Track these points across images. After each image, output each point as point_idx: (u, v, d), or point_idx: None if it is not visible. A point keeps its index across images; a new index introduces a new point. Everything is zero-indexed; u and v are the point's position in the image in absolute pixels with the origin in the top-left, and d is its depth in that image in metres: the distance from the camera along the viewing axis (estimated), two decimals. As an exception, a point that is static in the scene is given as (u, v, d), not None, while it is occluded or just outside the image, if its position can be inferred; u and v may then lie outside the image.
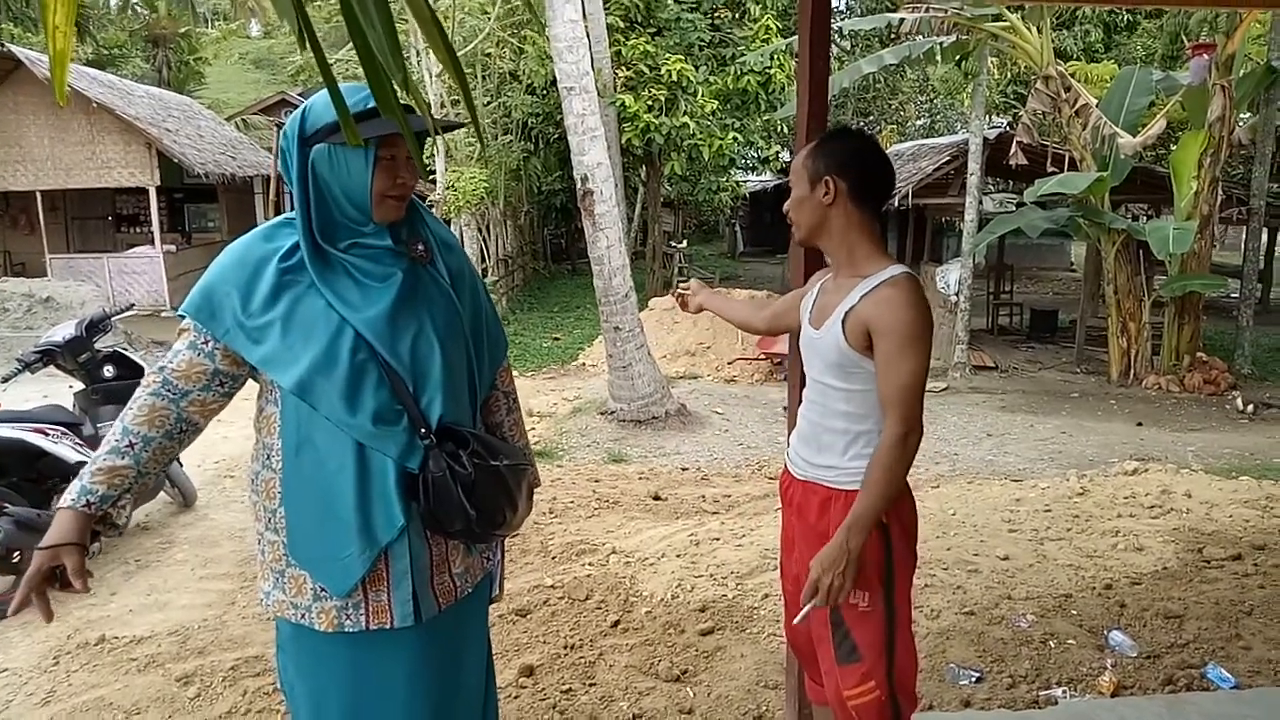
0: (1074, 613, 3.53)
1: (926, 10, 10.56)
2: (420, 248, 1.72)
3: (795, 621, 1.85)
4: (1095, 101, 10.52)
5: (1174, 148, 11.09)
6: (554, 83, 9.41)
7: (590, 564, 4.20)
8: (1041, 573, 3.93)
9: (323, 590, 1.66)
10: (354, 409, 1.60)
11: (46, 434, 4.17)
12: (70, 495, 1.57)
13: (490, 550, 1.90)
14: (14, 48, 14.08)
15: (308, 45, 1.01)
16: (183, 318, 1.66)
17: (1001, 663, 3.11)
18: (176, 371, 1.64)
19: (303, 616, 1.68)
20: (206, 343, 1.64)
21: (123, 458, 1.60)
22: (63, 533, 1.54)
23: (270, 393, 1.68)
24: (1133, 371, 10.44)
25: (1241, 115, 10.83)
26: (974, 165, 10.82)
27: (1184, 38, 14.93)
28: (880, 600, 1.84)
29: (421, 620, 1.70)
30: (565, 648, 3.31)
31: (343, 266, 1.65)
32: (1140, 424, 8.49)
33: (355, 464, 1.62)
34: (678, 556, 4.15)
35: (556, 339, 13.32)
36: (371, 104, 1.57)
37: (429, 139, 1.71)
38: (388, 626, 1.67)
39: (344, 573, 1.63)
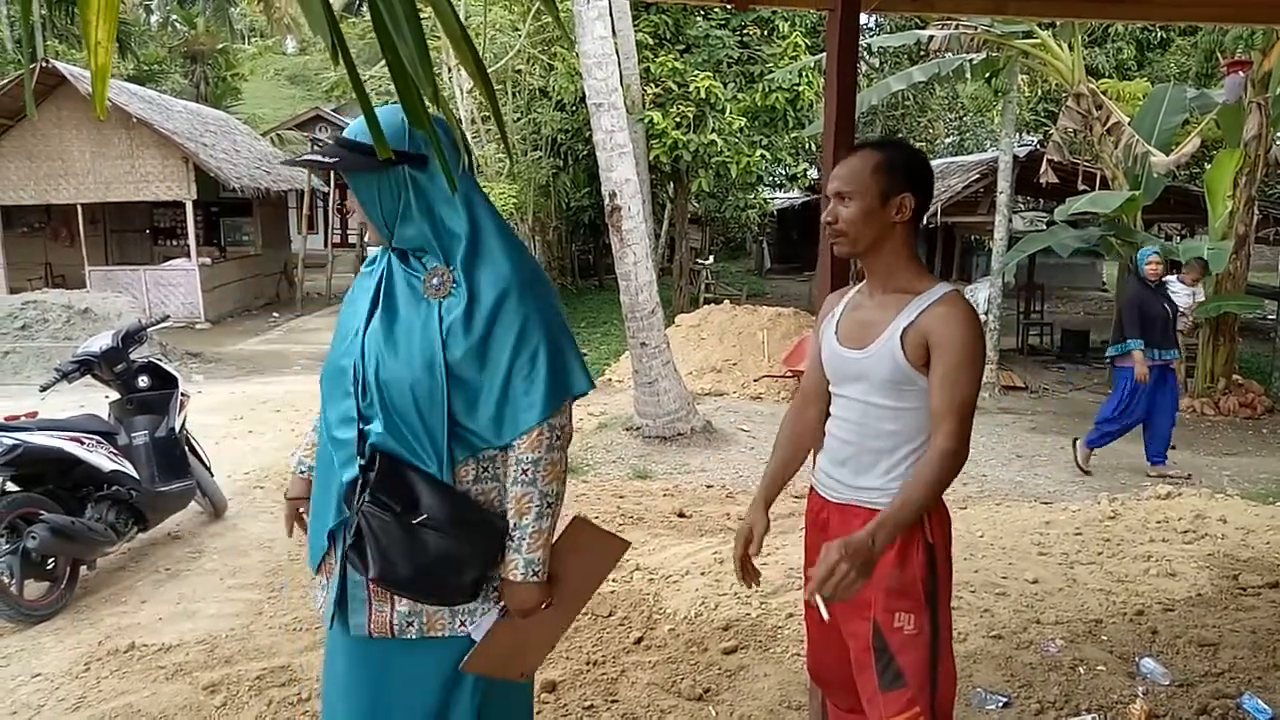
0: (1104, 638, 3.46)
1: (956, 27, 10.53)
2: (435, 281, 1.71)
3: (807, 598, 1.74)
4: (1128, 119, 10.41)
5: (1209, 166, 10.95)
6: (583, 99, 9.48)
7: (614, 580, 4.18)
8: (1071, 597, 3.87)
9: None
10: (326, 407, 1.78)
11: (82, 443, 4.24)
12: (292, 464, 2.05)
13: (466, 615, 1.75)
14: (58, 63, 14.42)
15: (341, 61, 1.03)
16: None
17: (1030, 688, 3.06)
18: None
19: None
20: None
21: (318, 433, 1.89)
22: (296, 490, 2.02)
23: None
24: (1166, 393, 10.25)
25: (1278, 134, 10.66)
26: (1004, 183, 10.74)
27: (1219, 55, 14.75)
28: (926, 622, 1.82)
29: (347, 630, 1.77)
30: (588, 664, 3.30)
31: (384, 276, 1.78)
32: (1174, 447, 8.32)
33: (327, 458, 1.77)
34: (701, 574, 4.13)
35: (583, 354, 13.34)
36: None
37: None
38: (327, 620, 1.80)
39: (314, 547, 1.82)
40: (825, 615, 1.66)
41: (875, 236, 1.82)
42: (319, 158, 1.75)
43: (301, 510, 2.01)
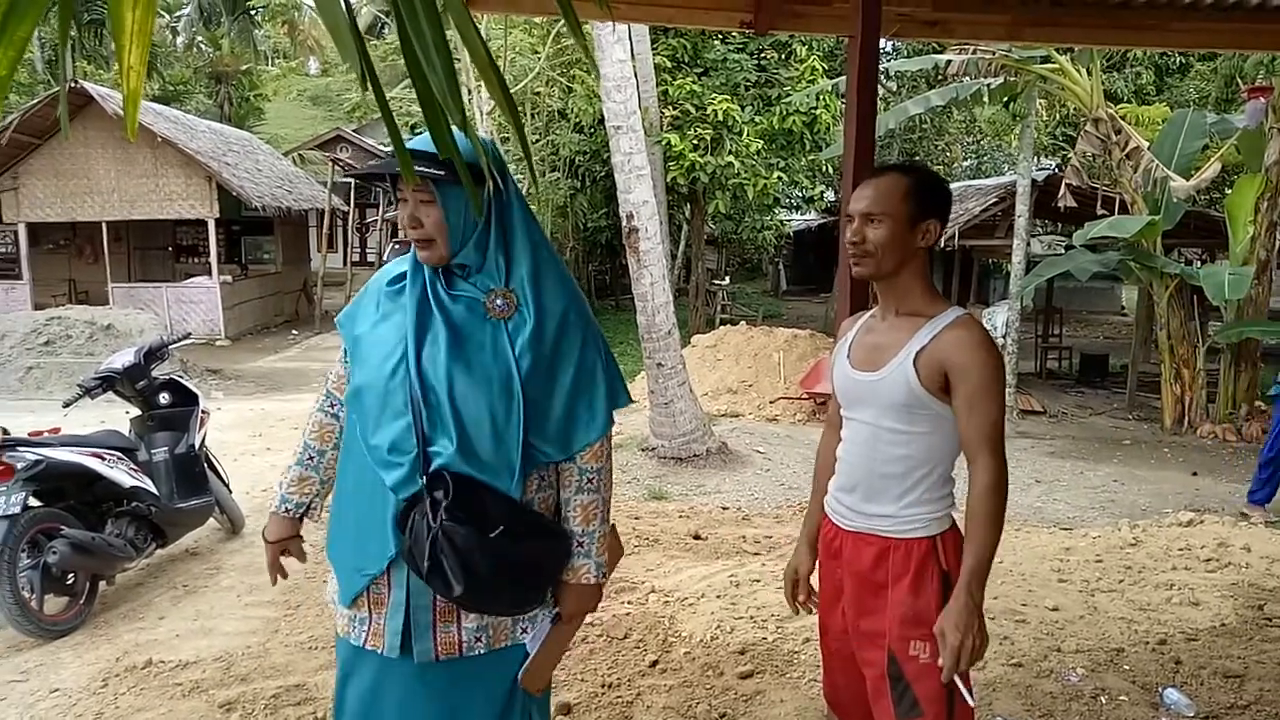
0: (1126, 668, 3.42)
1: (974, 52, 10.55)
2: (500, 301, 1.72)
3: (945, 680, 1.71)
4: (1147, 144, 10.38)
5: (1229, 191, 10.88)
6: (602, 121, 9.55)
7: (629, 602, 4.17)
8: (1092, 625, 3.82)
9: (337, 594, 1.78)
10: (376, 431, 1.70)
11: (103, 458, 4.28)
12: (274, 502, 1.95)
13: (528, 621, 1.79)
14: (86, 84, 14.67)
15: (369, 85, 1.05)
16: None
17: (1050, 717, 3.02)
18: (334, 383, 1.90)
19: (332, 611, 1.82)
20: (344, 354, 1.86)
21: (307, 469, 1.92)
22: (279, 531, 1.96)
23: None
24: (1187, 419, 10.16)
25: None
26: (1022, 207, 10.72)
27: (1239, 80, 14.71)
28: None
29: (412, 658, 1.69)
30: (603, 686, 3.29)
31: (428, 293, 1.75)
32: (1195, 473, 8.25)
33: (375, 483, 1.69)
34: (718, 597, 4.11)
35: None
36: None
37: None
38: (379, 651, 1.72)
39: (347, 584, 1.74)
40: (972, 701, 1.73)
41: (901, 259, 1.83)
42: (428, 169, 1.63)
43: (287, 552, 1.97)
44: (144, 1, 1.10)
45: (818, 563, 2.08)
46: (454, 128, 1.04)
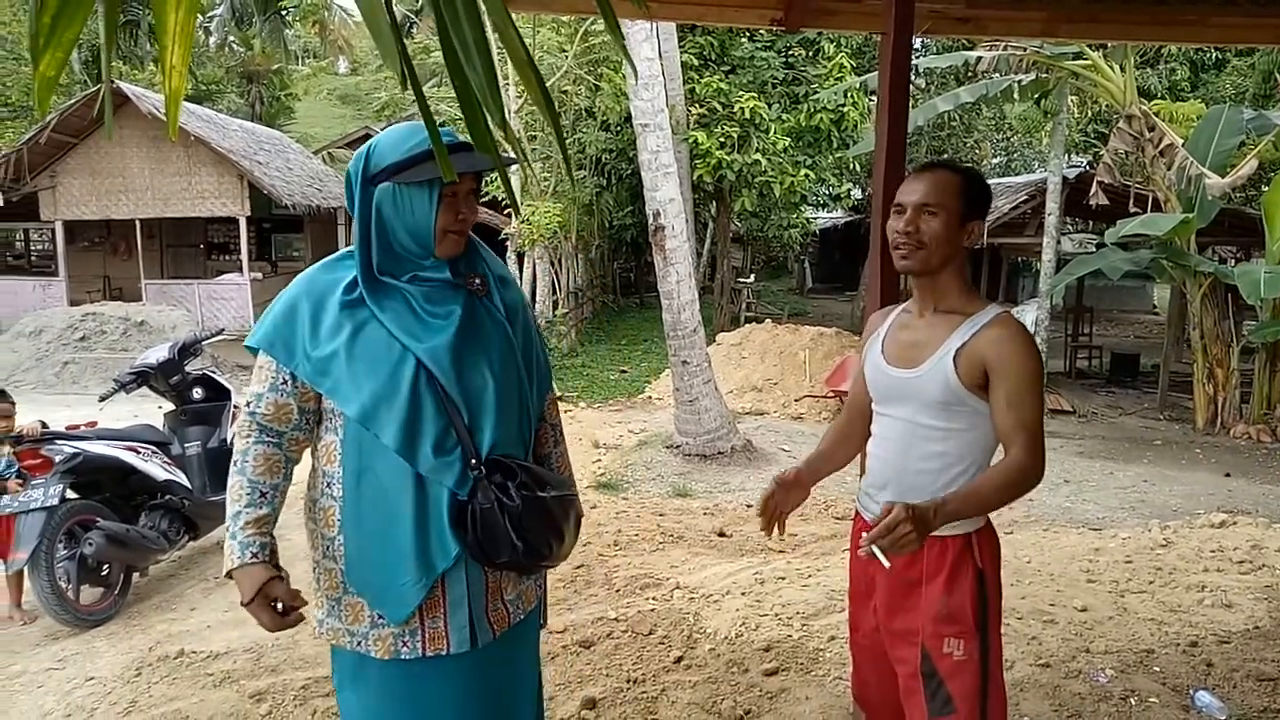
0: (1156, 670, 3.38)
1: (1005, 48, 10.45)
2: (478, 281, 1.77)
3: (861, 553, 1.66)
4: (1181, 141, 10.23)
5: (1265, 189, 10.70)
6: (628, 119, 9.57)
7: (654, 598, 4.18)
8: (1122, 626, 3.78)
9: (380, 618, 1.68)
10: (414, 438, 1.64)
11: (138, 452, 4.36)
12: (234, 555, 1.65)
13: (540, 576, 1.91)
14: (121, 84, 14.91)
15: (409, 86, 1.06)
16: (254, 350, 1.72)
17: (1079, 718, 2.99)
18: (267, 415, 1.70)
19: (359, 644, 1.70)
20: (285, 381, 1.69)
21: (261, 508, 1.70)
22: (253, 583, 1.64)
23: (331, 421, 1.72)
24: (1220, 420, 10.01)
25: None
26: (1052, 205, 10.60)
27: (1277, 75, 14.45)
28: (975, 648, 1.79)
29: (477, 646, 1.72)
30: (628, 682, 3.30)
31: (403, 298, 1.69)
32: (1228, 474, 8.12)
33: (414, 492, 1.65)
34: (742, 594, 4.11)
35: (624, 371, 13.39)
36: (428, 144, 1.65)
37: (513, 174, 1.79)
38: (444, 653, 1.69)
39: (400, 600, 1.66)
40: (886, 564, 1.62)
41: (947, 255, 1.83)
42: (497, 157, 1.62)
43: (275, 601, 1.67)
44: (187, 3, 1.13)
45: (849, 560, 2.07)
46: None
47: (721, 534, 5.62)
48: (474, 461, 1.66)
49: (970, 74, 12.24)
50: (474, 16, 1.00)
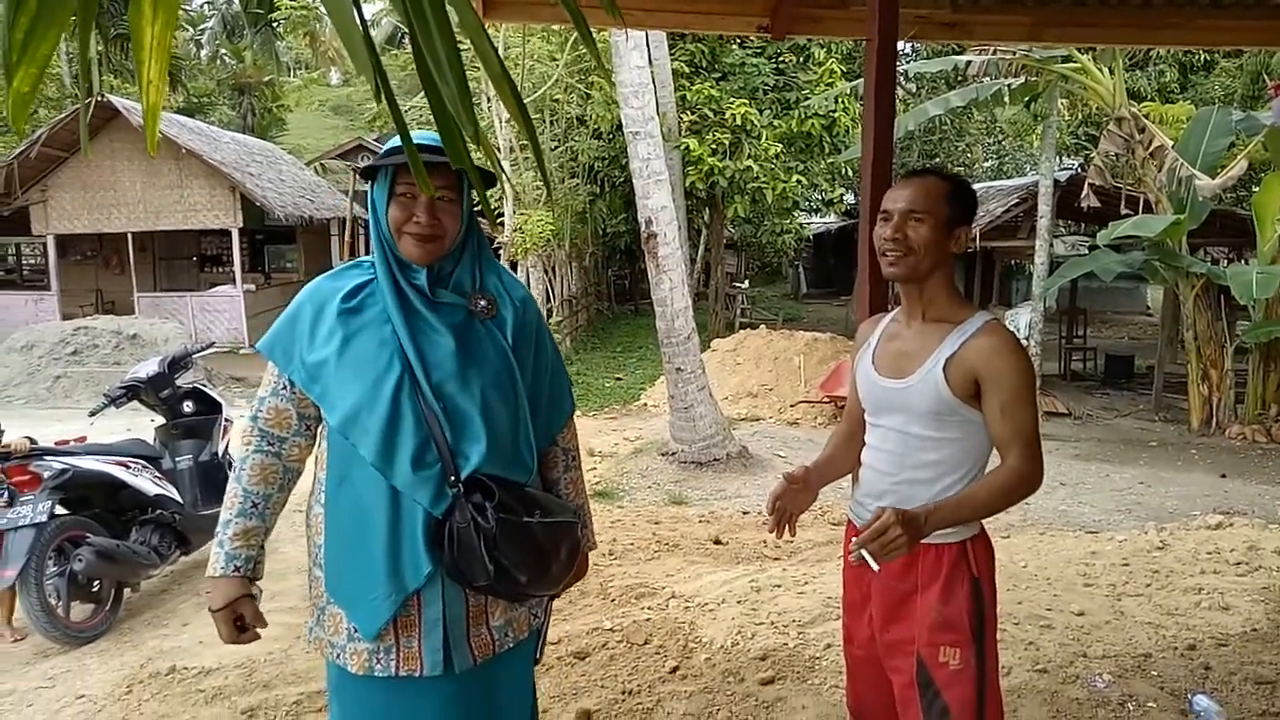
0: (1154, 674, 3.36)
1: (994, 52, 10.48)
2: (483, 303, 1.73)
3: (851, 558, 1.65)
4: (1171, 143, 10.27)
5: (1256, 189, 10.73)
6: (620, 127, 9.57)
7: (649, 608, 4.16)
8: (1119, 630, 3.77)
9: (356, 631, 1.66)
10: (392, 451, 1.62)
11: (128, 467, 4.33)
12: (218, 564, 1.68)
13: (538, 606, 1.83)
14: (112, 97, 14.89)
15: (384, 99, 1.05)
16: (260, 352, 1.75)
17: (1076, 725, 2.98)
18: (268, 420, 1.71)
19: (338, 656, 1.69)
20: (284, 386, 1.70)
21: (251, 519, 1.70)
22: (227, 595, 1.68)
23: (325, 427, 1.72)
24: (1215, 420, 10.03)
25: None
26: (1044, 207, 10.63)
27: (1265, 77, 14.52)
28: (972, 657, 1.78)
29: (453, 670, 1.67)
30: (623, 693, 3.27)
31: (410, 303, 1.69)
32: (1224, 475, 8.13)
33: (389, 506, 1.63)
34: (738, 603, 4.09)
35: (619, 379, 13.38)
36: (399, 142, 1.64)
37: (499, 185, 1.77)
38: (417, 674, 1.66)
39: (372, 614, 1.64)
40: (875, 567, 1.61)
41: (935, 263, 1.82)
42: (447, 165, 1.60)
43: (244, 617, 1.70)
44: (163, 17, 1.11)
45: (843, 569, 2.06)
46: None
47: (717, 541, 5.60)
48: (453, 479, 1.63)
49: (960, 78, 12.29)
50: (445, 29, 0.99)
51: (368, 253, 1.80)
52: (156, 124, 1.31)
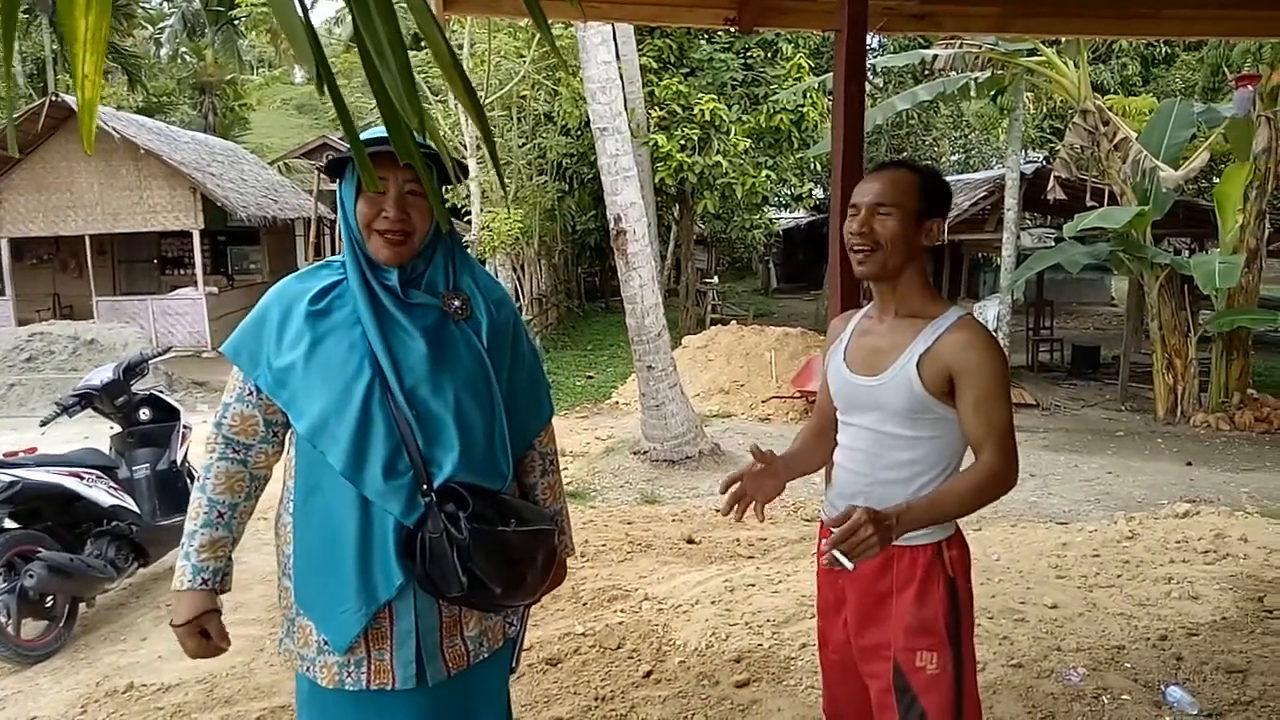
0: (1128, 665, 3.36)
1: (960, 46, 10.53)
2: (457, 303, 1.67)
3: (825, 564, 1.59)
4: (1135, 135, 10.38)
5: (1218, 180, 10.89)
6: (588, 124, 9.50)
7: (622, 610, 4.10)
8: (1092, 622, 3.77)
9: (326, 643, 1.61)
10: (362, 460, 1.57)
11: (81, 477, 4.19)
12: (184, 577, 1.62)
13: (514, 615, 1.79)
14: (66, 97, 14.55)
15: (326, 90, 0.98)
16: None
17: (1053, 719, 2.96)
18: (233, 427, 1.65)
19: (308, 669, 1.65)
20: (250, 392, 1.64)
21: (218, 529, 1.65)
22: (192, 609, 1.62)
23: (292, 434, 1.67)
24: (1180, 409, 10.16)
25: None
26: (1011, 200, 10.71)
27: (1225, 70, 14.74)
28: (949, 660, 1.74)
29: (426, 683, 1.62)
30: (596, 699, 3.22)
31: (381, 304, 1.63)
32: (1190, 464, 8.23)
33: (359, 515, 1.58)
34: (712, 603, 4.04)
35: (590, 377, 13.31)
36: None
37: (452, 182, 1.72)
38: (389, 687, 1.61)
39: (342, 627, 1.59)
40: (850, 566, 1.55)
41: (905, 258, 1.77)
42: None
43: (205, 634, 1.65)
44: (96, 7, 1.04)
45: (816, 572, 2.01)
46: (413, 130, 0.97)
47: (690, 541, 5.56)
48: (425, 488, 1.57)
49: (927, 72, 12.35)
50: (388, 14, 0.92)
51: (335, 253, 1.73)
52: (93, 120, 1.23)
